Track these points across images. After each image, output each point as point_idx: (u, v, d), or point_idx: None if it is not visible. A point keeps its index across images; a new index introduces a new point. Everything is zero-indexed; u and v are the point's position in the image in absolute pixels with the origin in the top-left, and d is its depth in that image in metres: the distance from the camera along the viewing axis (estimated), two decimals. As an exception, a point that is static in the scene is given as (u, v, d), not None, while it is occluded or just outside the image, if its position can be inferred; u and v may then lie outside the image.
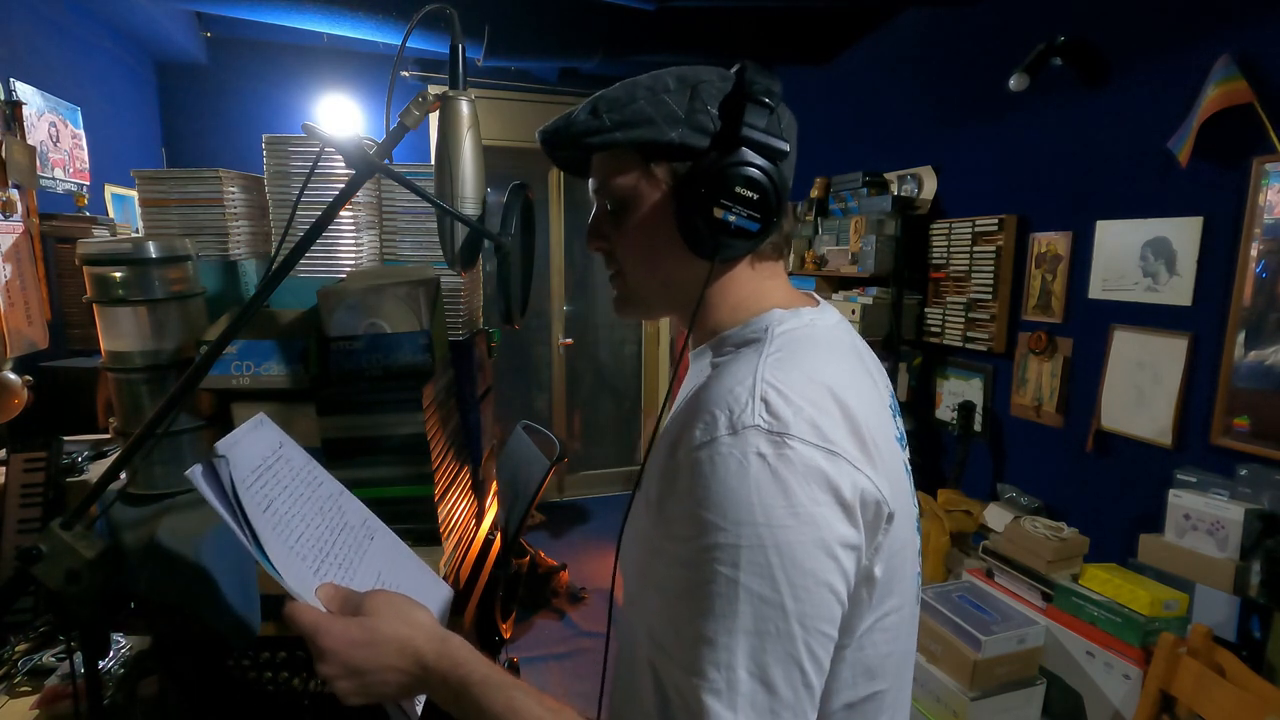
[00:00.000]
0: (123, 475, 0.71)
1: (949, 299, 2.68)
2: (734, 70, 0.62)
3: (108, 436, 1.52)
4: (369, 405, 1.05)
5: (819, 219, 3.21)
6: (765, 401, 0.52)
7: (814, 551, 0.49)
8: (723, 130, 0.59)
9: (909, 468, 0.64)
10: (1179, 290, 1.91)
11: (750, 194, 0.58)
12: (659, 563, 0.55)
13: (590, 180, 0.67)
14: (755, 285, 0.65)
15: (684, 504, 0.52)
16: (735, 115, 0.58)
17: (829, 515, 0.50)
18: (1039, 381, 2.36)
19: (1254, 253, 1.73)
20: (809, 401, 0.53)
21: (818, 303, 0.67)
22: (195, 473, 0.59)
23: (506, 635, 1.69)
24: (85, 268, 1.03)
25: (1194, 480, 1.78)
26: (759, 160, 0.58)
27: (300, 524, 0.64)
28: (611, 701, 0.69)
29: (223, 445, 0.61)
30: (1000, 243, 2.44)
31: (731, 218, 0.58)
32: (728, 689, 0.48)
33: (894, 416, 0.65)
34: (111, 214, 2.54)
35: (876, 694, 0.59)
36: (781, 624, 0.49)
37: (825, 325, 0.63)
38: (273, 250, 1.29)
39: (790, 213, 0.65)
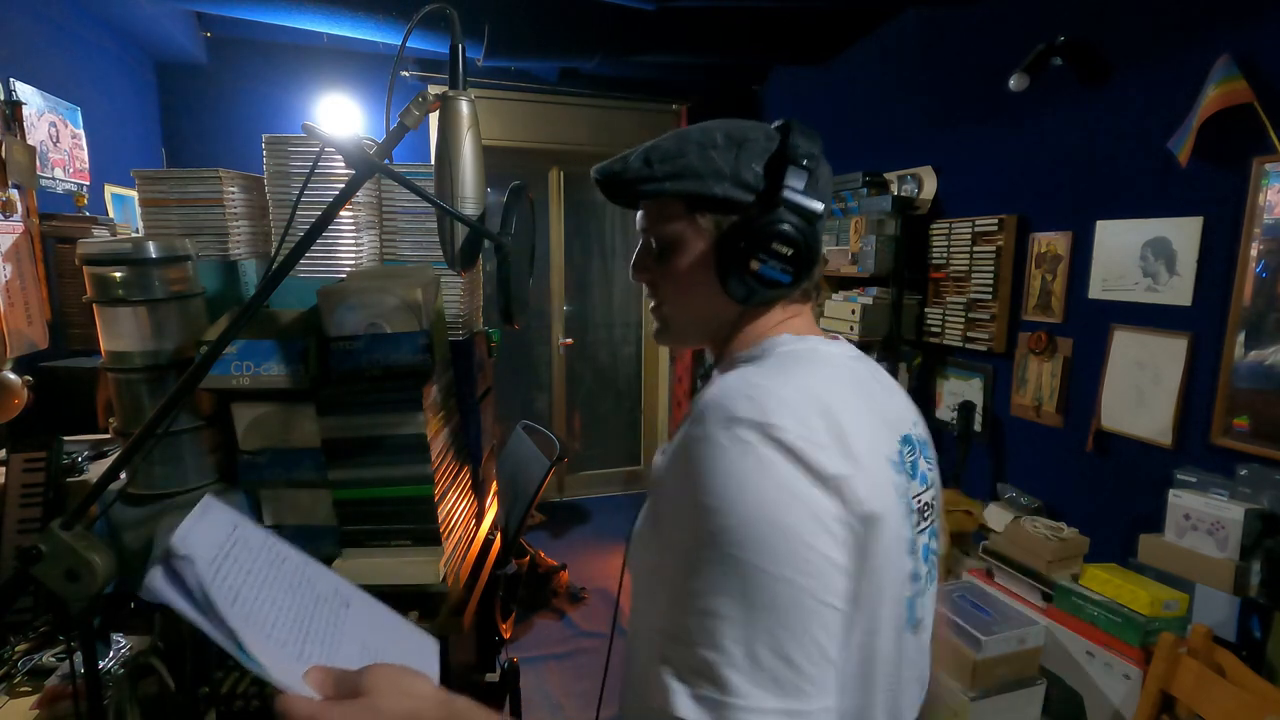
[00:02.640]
0: (123, 475, 0.71)
1: (949, 299, 2.68)
2: (776, 127, 0.68)
3: (108, 436, 1.52)
4: (369, 405, 1.05)
5: (819, 219, 3.21)
6: (750, 398, 0.56)
7: (811, 526, 0.53)
8: (766, 189, 0.65)
9: (912, 502, 0.64)
10: (1179, 290, 1.91)
11: (785, 249, 0.64)
12: (665, 558, 0.58)
13: (639, 217, 0.73)
14: (778, 321, 0.71)
15: (685, 495, 0.55)
16: (777, 176, 0.64)
17: (817, 494, 0.54)
18: (1039, 381, 2.36)
19: (1254, 253, 1.73)
20: (793, 401, 0.57)
21: (836, 337, 0.72)
22: (156, 579, 0.54)
23: (506, 635, 1.69)
24: (85, 268, 1.03)
25: (1194, 480, 1.78)
26: (794, 219, 0.64)
27: (272, 610, 0.61)
28: (623, 706, 0.70)
29: (178, 541, 0.56)
30: (1000, 243, 2.44)
31: (766, 270, 0.64)
32: (749, 663, 0.50)
33: (906, 444, 0.66)
34: (111, 214, 2.54)
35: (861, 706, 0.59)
36: (792, 597, 0.51)
37: (827, 350, 0.68)
38: (273, 250, 1.29)
39: (822, 262, 0.71)
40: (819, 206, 0.65)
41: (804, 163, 0.65)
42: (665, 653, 0.54)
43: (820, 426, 0.56)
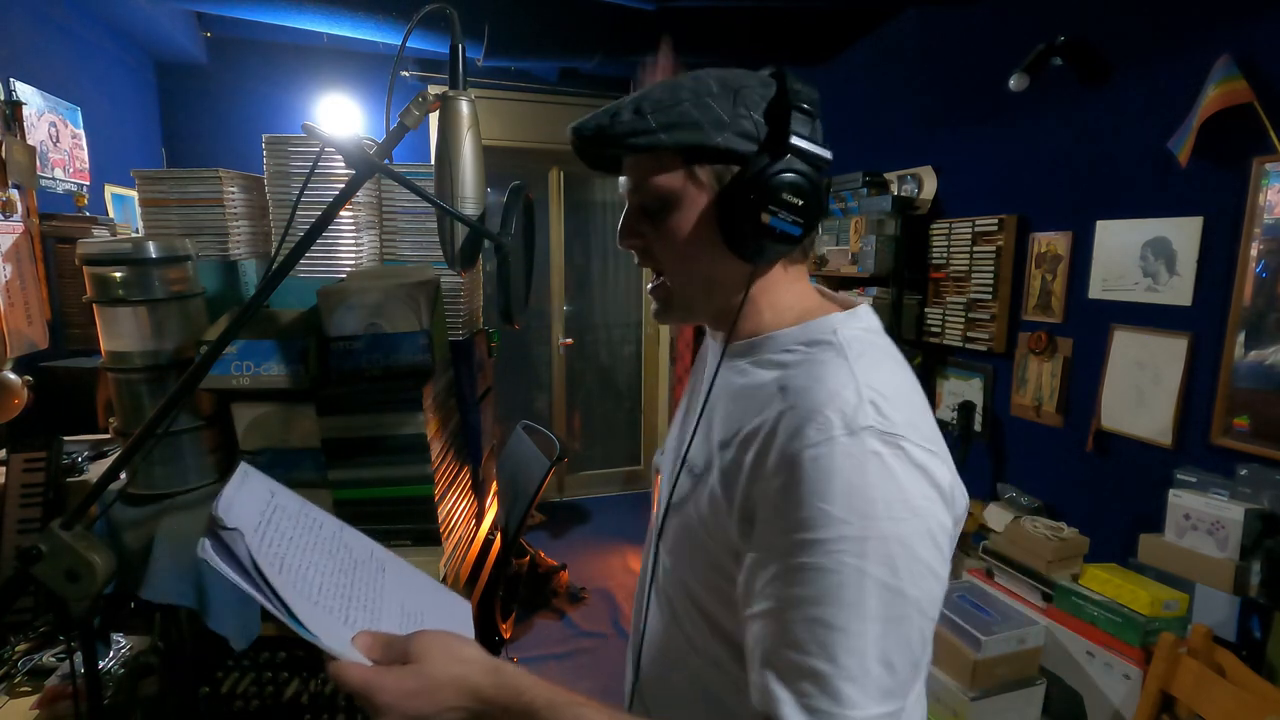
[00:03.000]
0: (123, 475, 0.71)
1: (949, 299, 2.68)
2: (768, 74, 0.64)
3: (108, 436, 1.52)
4: (369, 405, 1.05)
5: (819, 219, 3.20)
6: (875, 405, 0.55)
7: (925, 541, 0.53)
8: (770, 137, 0.61)
9: None
10: (1179, 290, 1.91)
11: (796, 200, 0.60)
12: (761, 558, 0.56)
13: (623, 179, 0.68)
14: (789, 287, 0.68)
15: (801, 501, 0.54)
16: (782, 123, 0.60)
17: (935, 508, 0.54)
18: (1039, 381, 2.36)
19: (1254, 253, 1.73)
20: (908, 405, 0.57)
21: (854, 302, 0.70)
22: (207, 550, 0.55)
23: (506, 635, 1.69)
24: (85, 268, 1.03)
25: (1194, 480, 1.78)
26: (804, 167, 0.60)
27: (316, 575, 0.61)
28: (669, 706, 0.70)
29: (222, 510, 0.56)
30: (1000, 243, 2.44)
31: (777, 223, 0.61)
32: (861, 675, 0.50)
33: None
34: (111, 214, 2.54)
35: None
36: (904, 610, 0.52)
37: (877, 327, 0.66)
38: (273, 250, 1.29)
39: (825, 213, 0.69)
40: (828, 154, 0.62)
41: (807, 108, 0.61)
42: (770, 659, 0.54)
43: (931, 435, 0.57)
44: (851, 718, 0.50)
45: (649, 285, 0.71)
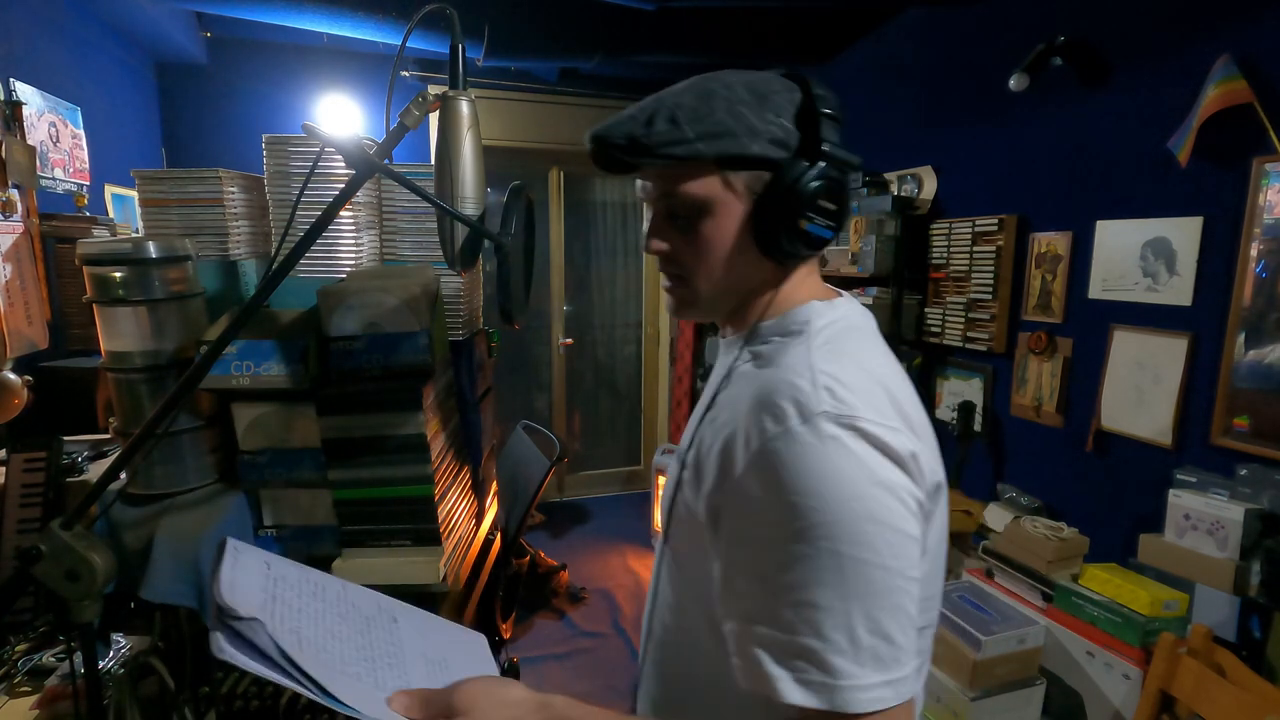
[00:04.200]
0: (123, 475, 0.71)
1: (949, 299, 2.68)
2: (784, 76, 0.65)
3: (108, 436, 1.52)
4: (369, 405, 1.05)
5: (819, 219, 3.20)
6: (829, 390, 0.56)
7: (898, 509, 0.54)
8: (804, 144, 0.63)
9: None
10: (1179, 290, 1.91)
11: (831, 205, 0.63)
12: (745, 553, 0.58)
13: (649, 185, 0.67)
14: (799, 280, 0.69)
15: (770, 493, 0.55)
16: (813, 129, 0.62)
17: (901, 478, 0.56)
18: (1039, 381, 2.36)
19: (1254, 253, 1.73)
20: (863, 387, 0.58)
21: (840, 294, 0.71)
22: (222, 645, 0.51)
23: (506, 635, 1.69)
24: (85, 268, 1.03)
25: (1194, 480, 1.78)
26: (836, 173, 0.62)
27: (334, 643, 0.59)
28: (683, 696, 0.71)
29: (226, 596, 0.53)
30: (1000, 243, 2.44)
31: (813, 228, 0.63)
32: (851, 647, 0.52)
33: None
34: (111, 214, 2.54)
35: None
36: (887, 580, 0.53)
37: (860, 320, 0.68)
38: (273, 250, 1.29)
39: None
40: (858, 159, 0.64)
41: (833, 114, 0.63)
42: (761, 642, 0.55)
43: (890, 410, 0.58)
44: (846, 685, 0.51)
45: (666, 283, 0.71)
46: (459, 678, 0.58)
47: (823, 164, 0.62)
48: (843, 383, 0.57)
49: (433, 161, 0.87)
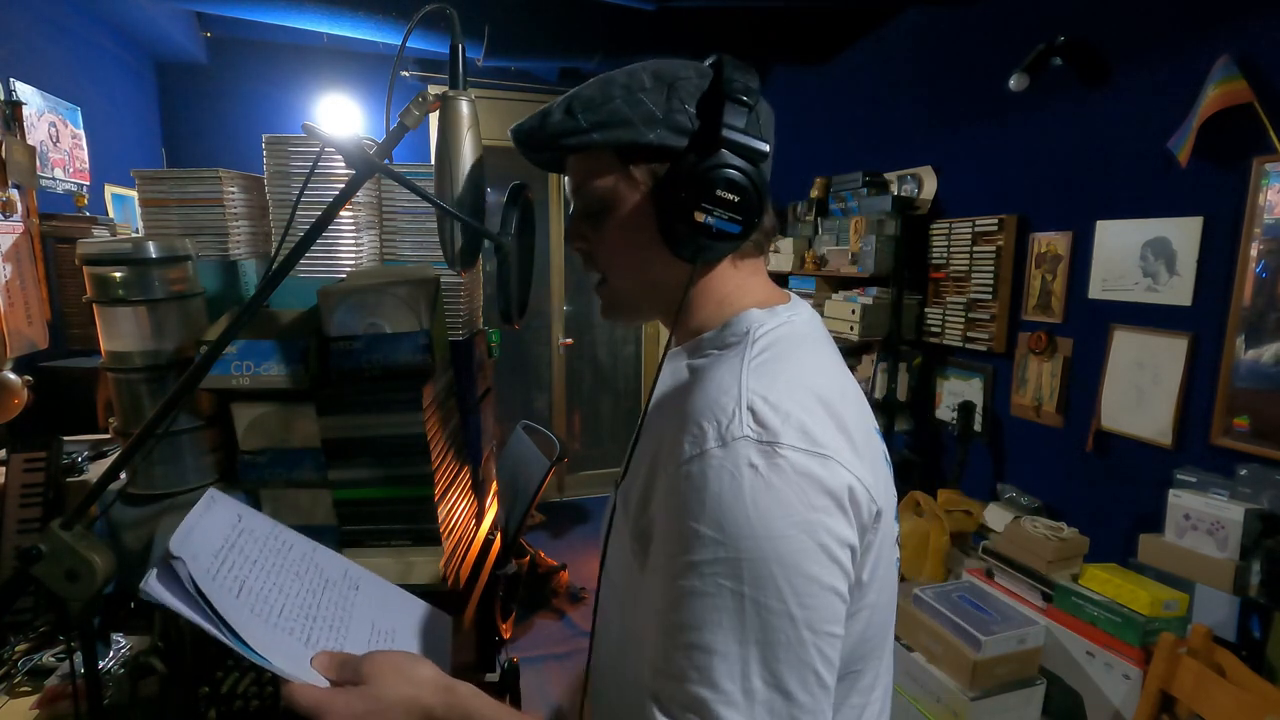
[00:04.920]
0: (123, 475, 0.71)
1: (949, 299, 2.68)
2: (709, 64, 0.61)
3: (108, 436, 1.52)
4: (369, 405, 1.05)
5: (819, 219, 3.21)
6: (752, 411, 0.51)
7: (816, 555, 0.49)
8: (701, 131, 0.58)
9: (888, 458, 0.64)
10: (1179, 290, 1.91)
11: (731, 196, 0.57)
12: (653, 582, 0.54)
13: (567, 180, 0.66)
14: (737, 282, 0.64)
15: (676, 520, 0.51)
16: (714, 115, 0.57)
17: (826, 520, 0.50)
18: (1039, 381, 2.36)
19: (1254, 253, 1.73)
20: (796, 405, 0.52)
21: (789, 298, 0.67)
22: (151, 583, 0.54)
23: (506, 635, 1.69)
24: (85, 268, 1.03)
25: (1194, 480, 1.78)
26: (738, 162, 0.57)
27: (279, 596, 0.61)
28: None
29: (177, 542, 0.55)
30: (1000, 243, 2.44)
31: (712, 221, 0.57)
32: (745, 700, 0.47)
33: (875, 423, 0.64)
34: (111, 214, 2.54)
35: (851, 673, 0.59)
36: (791, 631, 0.48)
37: (801, 321, 0.63)
38: (273, 250, 1.29)
39: (770, 209, 0.64)
40: (764, 146, 0.58)
41: (742, 98, 0.57)
42: (653, 687, 0.51)
43: (829, 431, 0.52)
44: None
45: (594, 282, 0.68)
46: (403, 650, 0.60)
47: (721, 152, 0.56)
48: (771, 403, 0.51)
49: (433, 161, 0.86)
